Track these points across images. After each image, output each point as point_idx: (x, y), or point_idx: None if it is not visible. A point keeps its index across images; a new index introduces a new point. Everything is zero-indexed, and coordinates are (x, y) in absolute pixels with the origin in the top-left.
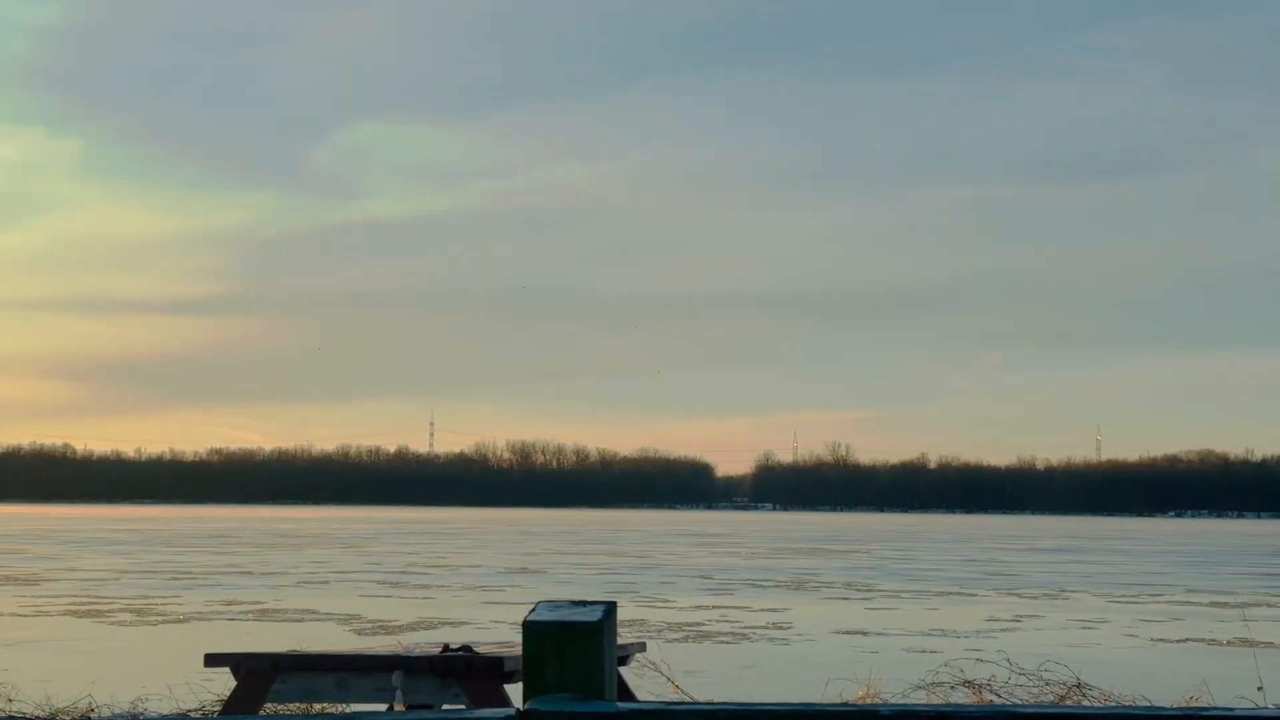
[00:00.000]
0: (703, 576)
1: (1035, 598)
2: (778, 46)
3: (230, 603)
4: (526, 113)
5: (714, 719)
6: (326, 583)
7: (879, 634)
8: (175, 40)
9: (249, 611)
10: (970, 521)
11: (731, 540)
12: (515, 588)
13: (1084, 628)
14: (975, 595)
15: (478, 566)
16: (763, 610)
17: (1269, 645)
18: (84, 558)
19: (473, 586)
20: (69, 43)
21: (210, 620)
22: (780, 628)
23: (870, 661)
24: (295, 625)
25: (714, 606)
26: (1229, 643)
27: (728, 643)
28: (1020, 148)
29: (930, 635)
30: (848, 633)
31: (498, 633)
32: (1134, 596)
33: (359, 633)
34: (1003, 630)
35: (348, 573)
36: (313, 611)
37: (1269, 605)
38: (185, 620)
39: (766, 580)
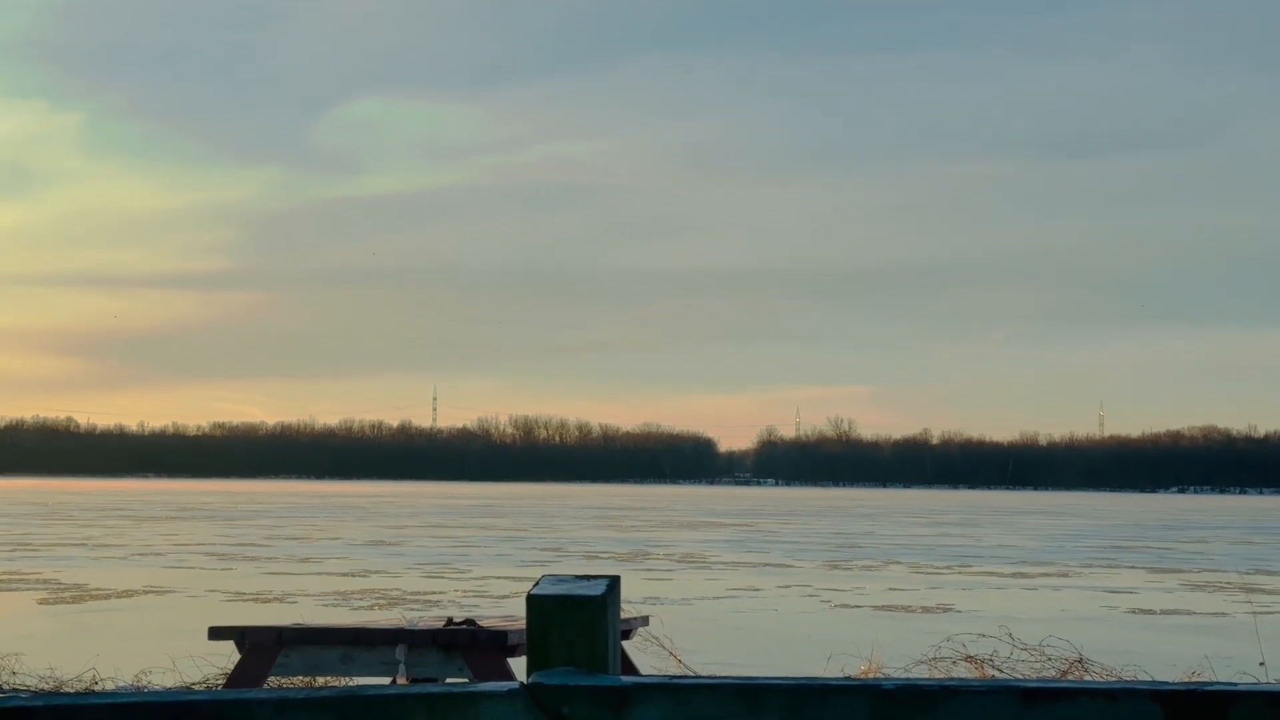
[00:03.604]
0: (549, 549)
1: (849, 569)
2: (783, 22)
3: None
4: (529, 88)
5: (718, 693)
6: (161, 554)
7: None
8: (178, 15)
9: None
10: (940, 497)
11: (640, 515)
12: (340, 559)
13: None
14: (791, 567)
15: (335, 539)
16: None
17: (1267, 613)
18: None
19: (300, 558)
20: (71, 17)
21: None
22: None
23: (871, 637)
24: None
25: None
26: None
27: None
28: (1023, 125)
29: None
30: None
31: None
32: (925, 567)
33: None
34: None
35: (194, 545)
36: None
37: (1067, 574)
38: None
39: (605, 553)
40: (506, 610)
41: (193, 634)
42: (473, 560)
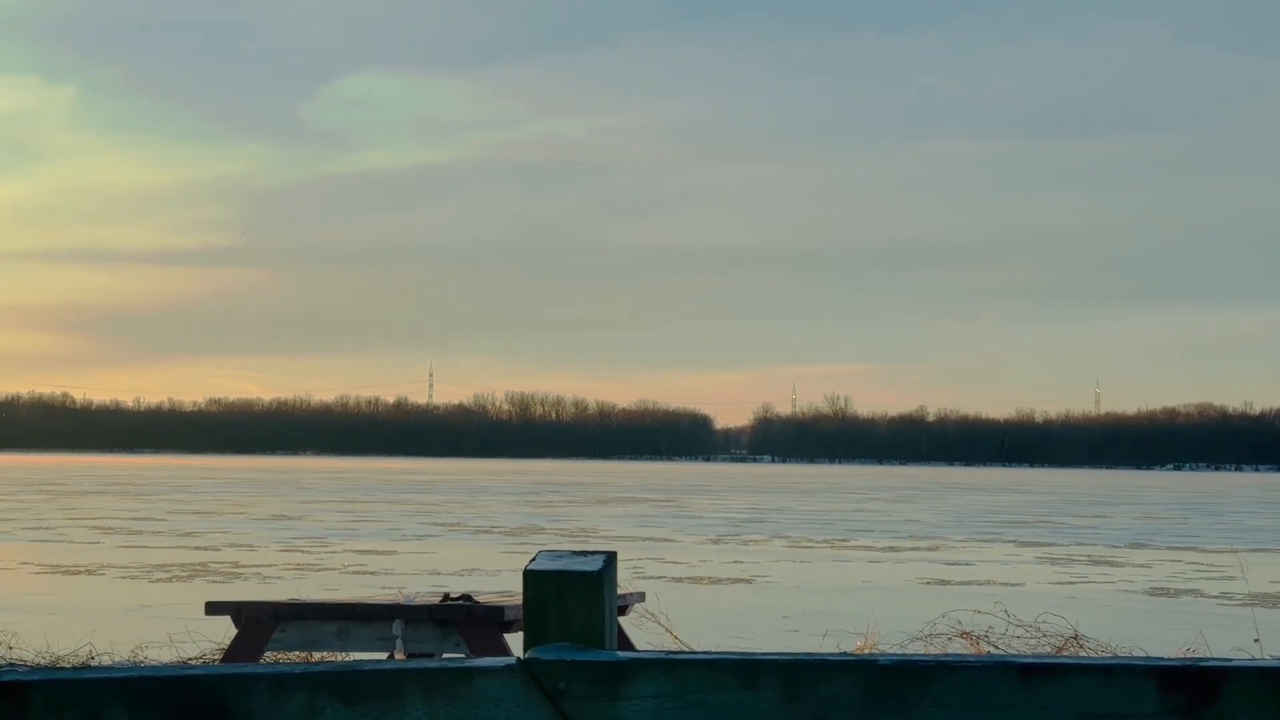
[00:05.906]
0: (442, 525)
1: (726, 544)
2: None
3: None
4: (524, 65)
5: (715, 668)
6: (53, 527)
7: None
8: None
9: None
10: (923, 473)
11: (574, 490)
12: (222, 533)
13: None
14: (673, 541)
15: (241, 514)
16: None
17: (1265, 597)
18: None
19: (186, 533)
20: None
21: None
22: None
23: (866, 613)
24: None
25: (375, 552)
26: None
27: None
28: (1019, 102)
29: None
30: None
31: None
32: (801, 541)
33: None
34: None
35: (90, 520)
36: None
37: (936, 549)
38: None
39: (498, 528)
40: (505, 584)
41: (188, 610)
42: (356, 535)
